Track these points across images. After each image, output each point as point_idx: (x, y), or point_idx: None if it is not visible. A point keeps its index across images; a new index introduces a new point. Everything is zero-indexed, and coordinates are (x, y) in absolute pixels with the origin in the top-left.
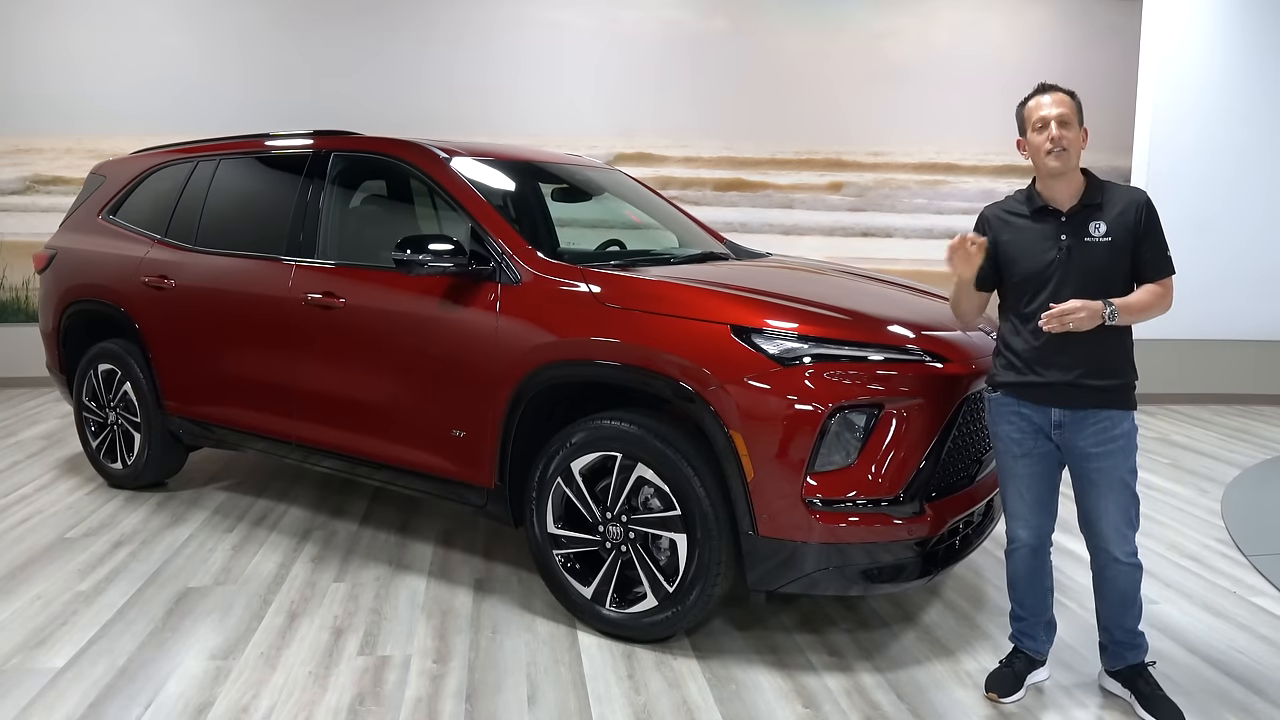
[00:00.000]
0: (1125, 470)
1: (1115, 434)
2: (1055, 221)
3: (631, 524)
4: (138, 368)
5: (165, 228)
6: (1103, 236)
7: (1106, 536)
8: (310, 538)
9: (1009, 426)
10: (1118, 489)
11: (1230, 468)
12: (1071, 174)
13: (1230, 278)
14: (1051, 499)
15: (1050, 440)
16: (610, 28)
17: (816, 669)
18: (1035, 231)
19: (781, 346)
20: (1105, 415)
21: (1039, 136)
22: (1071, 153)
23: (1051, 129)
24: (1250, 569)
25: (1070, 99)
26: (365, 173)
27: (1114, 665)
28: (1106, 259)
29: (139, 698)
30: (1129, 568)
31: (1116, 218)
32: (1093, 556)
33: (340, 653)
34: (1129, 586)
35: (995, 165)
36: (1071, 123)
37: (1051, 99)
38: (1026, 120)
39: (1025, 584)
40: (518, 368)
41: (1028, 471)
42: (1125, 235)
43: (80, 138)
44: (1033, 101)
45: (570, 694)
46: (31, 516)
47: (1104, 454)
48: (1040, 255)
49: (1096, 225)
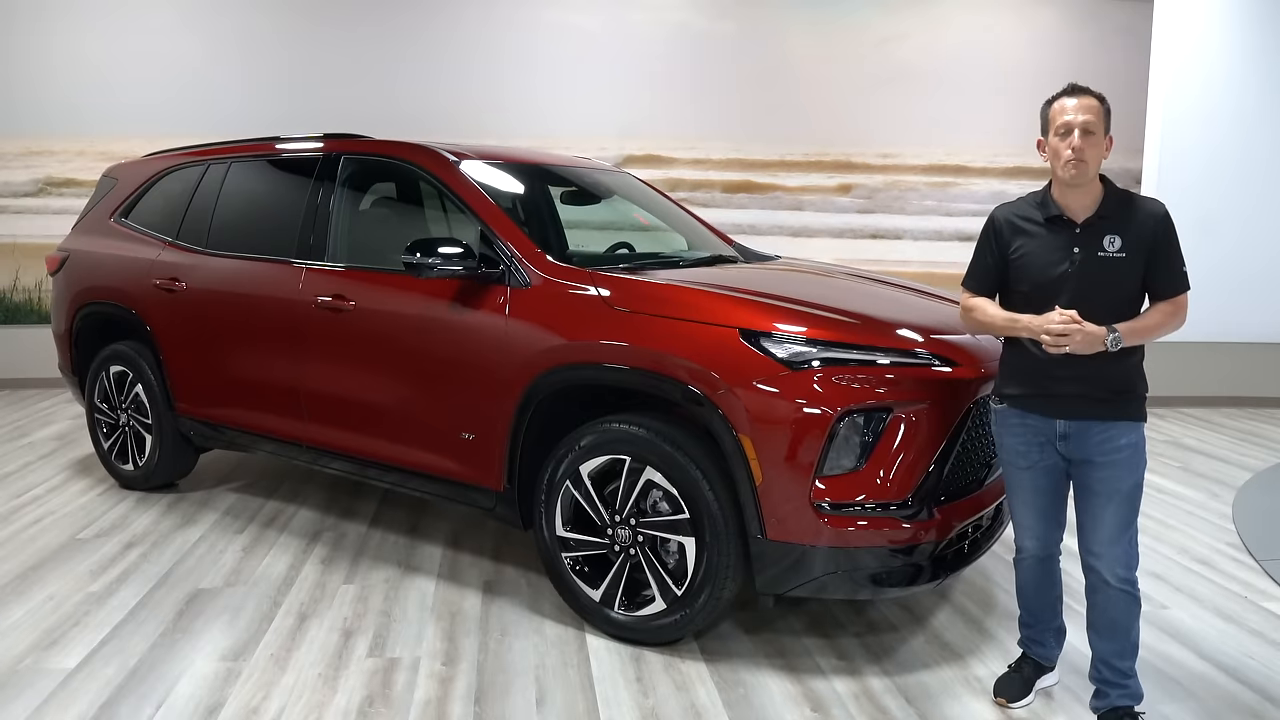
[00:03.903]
0: (1129, 484)
1: (1120, 444)
2: (1069, 232)
3: (640, 527)
4: (149, 369)
5: (176, 230)
6: (1116, 252)
7: (1099, 553)
8: (320, 539)
9: (1014, 438)
10: (1116, 501)
11: (1241, 471)
12: (1089, 184)
13: (1241, 280)
14: (1058, 510)
15: (1057, 451)
16: (619, 30)
17: (825, 673)
18: (1047, 241)
19: (790, 350)
20: (1111, 426)
21: (1060, 142)
22: (1091, 165)
23: (1074, 137)
24: (1261, 573)
25: (1099, 104)
26: (375, 176)
27: (1098, 705)
28: (1118, 275)
29: (150, 698)
30: (1120, 593)
31: (1132, 232)
32: (1085, 576)
33: (350, 654)
34: (1121, 616)
35: (1005, 167)
36: (1096, 131)
37: (1079, 103)
38: (1050, 122)
39: (1033, 592)
40: (527, 371)
41: (1033, 483)
42: (1140, 251)
43: (92, 140)
44: (1058, 103)
45: (579, 696)
46: (44, 517)
47: (1107, 464)
48: (1050, 267)
49: (1111, 240)
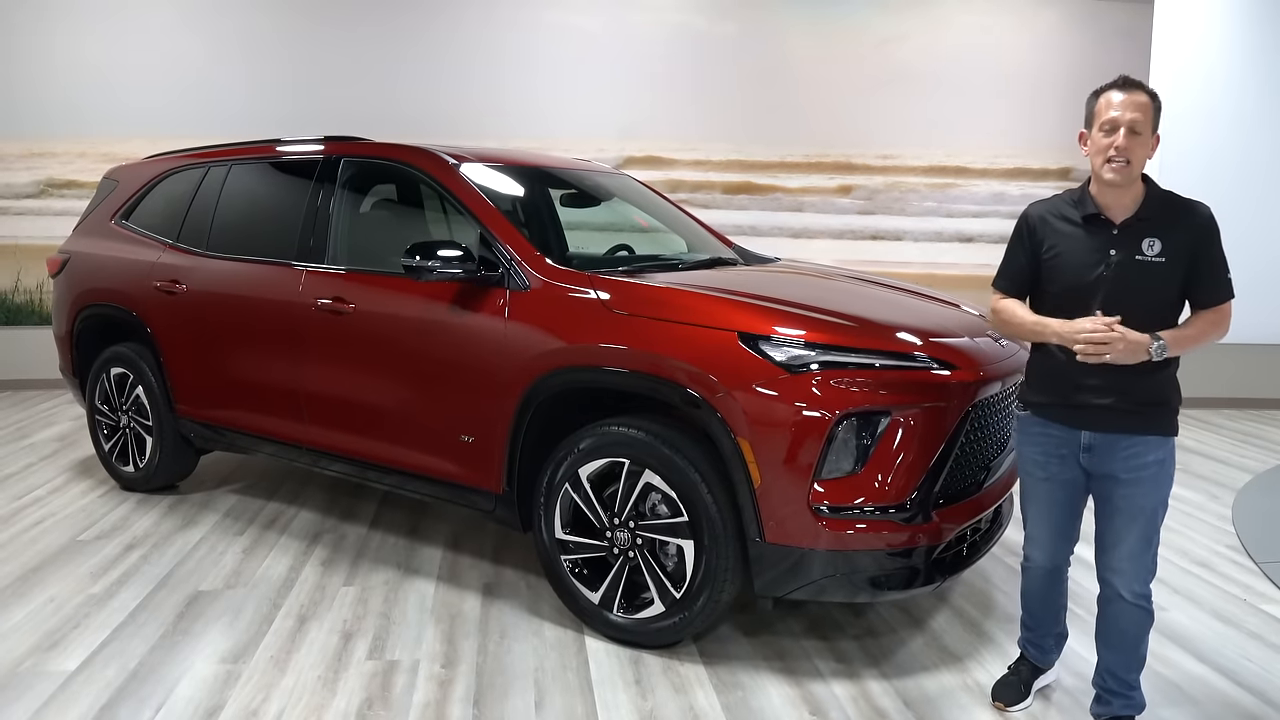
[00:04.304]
0: (1154, 501)
1: (1147, 460)
2: (1106, 233)
3: (639, 530)
4: (150, 371)
5: (177, 232)
6: (1156, 256)
7: (1117, 568)
8: (320, 541)
9: (1035, 448)
10: (1140, 520)
11: (1241, 473)
12: (1131, 183)
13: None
14: (1072, 526)
15: (1078, 465)
16: (620, 31)
17: (824, 675)
18: (1082, 241)
19: (789, 353)
20: (1139, 441)
21: (1104, 139)
22: (1135, 166)
23: (1119, 136)
24: (1261, 576)
25: (1149, 101)
26: (375, 178)
27: (1099, 711)
28: (1157, 281)
29: (150, 701)
30: (1134, 608)
31: (1174, 236)
32: (1100, 588)
33: (349, 657)
34: (1131, 628)
35: (1005, 168)
36: (1144, 131)
37: (1127, 99)
38: (1095, 115)
39: (1038, 600)
40: (526, 373)
41: (1049, 496)
42: (1181, 256)
43: (93, 141)
44: (1105, 97)
45: (578, 699)
46: (45, 519)
47: (1133, 481)
48: (1085, 269)
49: (1151, 243)
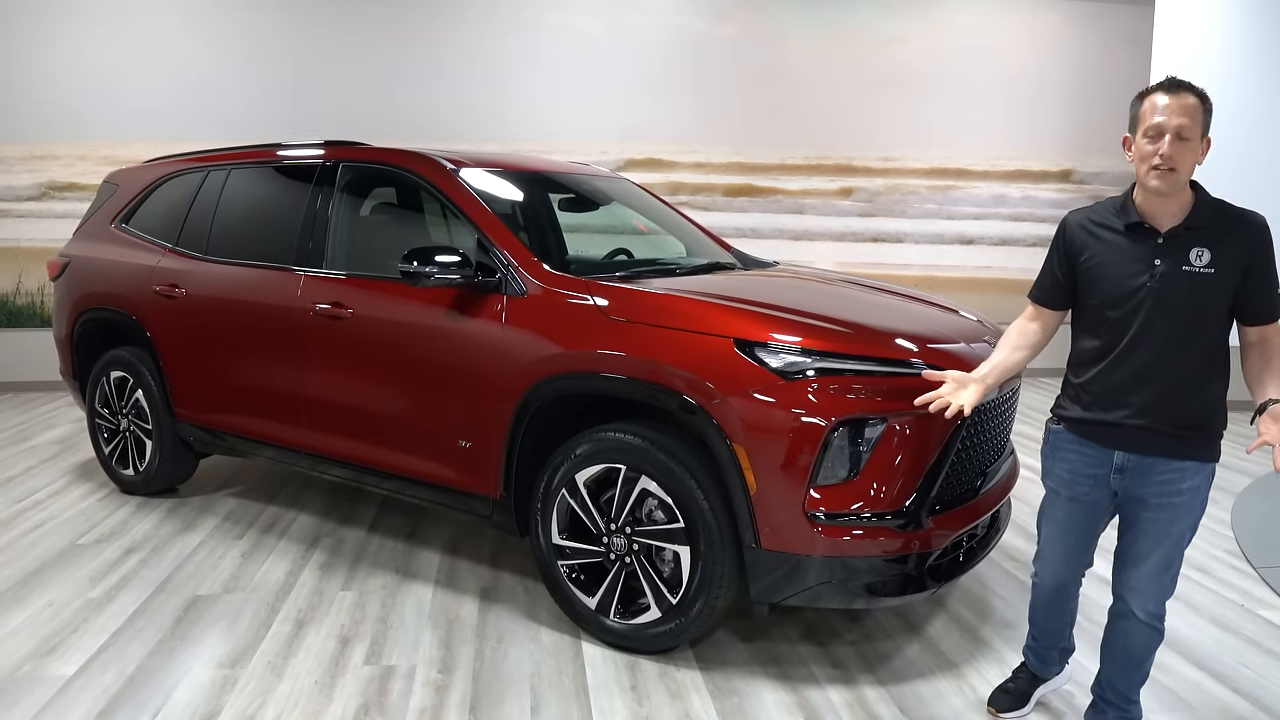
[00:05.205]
0: (1183, 527)
1: (1183, 487)
2: (1150, 242)
3: (635, 535)
4: (149, 375)
5: (176, 237)
6: (1204, 267)
7: (1135, 587)
8: (319, 545)
9: (1063, 465)
10: (1166, 544)
11: (1241, 477)
12: (1178, 191)
13: None
14: (1085, 550)
15: (1108, 487)
16: (620, 33)
17: (820, 681)
18: (1125, 250)
19: (785, 360)
20: (1176, 466)
21: (1148, 145)
22: (1182, 173)
23: (1164, 143)
24: (1259, 581)
25: (1199, 104)
26: (374, 183)
27: (1094, 718)
28: (1204, 293)
29: (147, 706)
30: (1146, 627)
31: (1224, 246)
32: (1113, 601)
33: (346, 662)
34: (1139, 646)
35: (1006, 170)
36: (1191, 137)
37: (1173, 103)
38: (1139, 120)
39: (1044, 615)
40: (523, 379)
41: (1069, 517)
42: (1231, 268)
43: (94, 144)
44: (1150, 100)
45: (574, 705)
46: (44, 522)
47: (1164, 506)
48: (1127, 279)
49: (1199, 253)
